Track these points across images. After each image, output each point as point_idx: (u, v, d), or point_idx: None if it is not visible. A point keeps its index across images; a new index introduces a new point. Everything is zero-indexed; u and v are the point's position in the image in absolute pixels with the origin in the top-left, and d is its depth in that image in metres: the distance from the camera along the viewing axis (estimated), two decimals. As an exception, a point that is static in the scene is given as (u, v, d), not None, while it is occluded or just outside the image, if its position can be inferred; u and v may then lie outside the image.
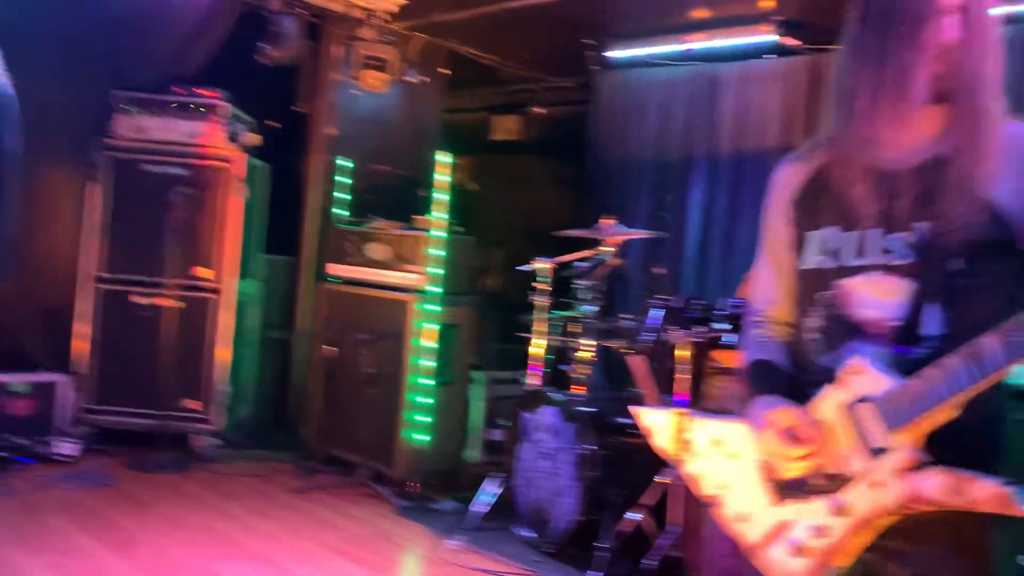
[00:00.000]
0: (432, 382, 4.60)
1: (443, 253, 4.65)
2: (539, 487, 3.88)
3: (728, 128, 5.53)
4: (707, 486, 1.66)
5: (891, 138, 1.51)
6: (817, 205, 1.59)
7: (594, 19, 5.49)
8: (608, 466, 3.69)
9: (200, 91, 4.96)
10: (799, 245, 1.62)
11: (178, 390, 4.76)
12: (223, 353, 4.90)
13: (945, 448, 1.33)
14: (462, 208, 6.54)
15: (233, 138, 4.98)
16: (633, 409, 1.85)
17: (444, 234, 4.67)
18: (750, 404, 1.57)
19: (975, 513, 1.31)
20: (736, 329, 3.55)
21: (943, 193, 1.44)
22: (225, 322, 4.90)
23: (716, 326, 3.63)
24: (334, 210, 5.39)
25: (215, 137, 4.93)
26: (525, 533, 3.90)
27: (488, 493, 4.14)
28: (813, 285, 1.57)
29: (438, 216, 4.70)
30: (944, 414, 1.30)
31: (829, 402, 1.46)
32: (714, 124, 5.59)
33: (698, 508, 3.23)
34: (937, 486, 1.30)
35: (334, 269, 5.13)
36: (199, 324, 4.85)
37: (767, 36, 5.09)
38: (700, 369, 3.89)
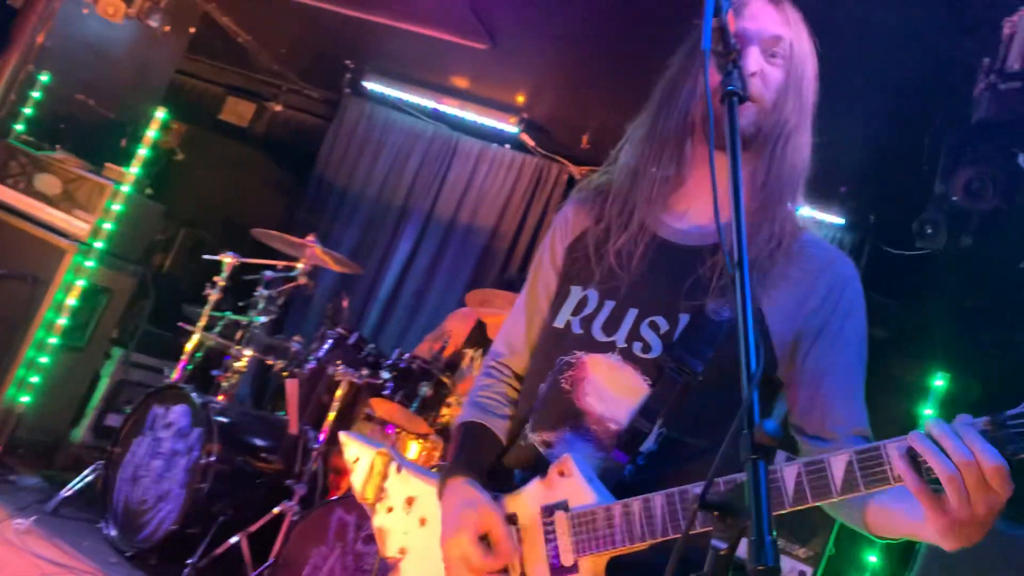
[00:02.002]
0: (58, 341, 4.10)
1: (121, 209, 4.22)
2: (144, 487, 3.57)
3: (451, 195, 5.74)
4: (390, 546, 1.46)
5: (699, 197, 1.35)
6: (589, 257, 1.38)
7: (362, 43, 5.47)
8: (223, 482, 3.49)
9: None
10: (559, 297, 1.40)
11: None
12: None
13: None
14: (163, 175, 6.05)
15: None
16: (342, 435, 1.61)
17: (130, 191, 4.25)
18: (449, 484, 1.36)
19: None
20: (400, 382, 3.58)
21: (718, 285, 1.26)
22: None
23: (383, 375, 3.64)
24: (14, 126, 4.70)
25: None
26: (111, 531, 3.55)
27: (83, 479, 3.73)
28: (556, 346, 1.36)
29: (132, 171, 4.28)
30: (634, 547, 1.22)
31: (531, 499, 1.30)
32: (440, 187, 5.78)
33: (299, 547, 3.15)
34: None
35: (-11, 187, 4.45)
36: None
37: (511, 127, 5.40)
38: (353, 411, 3.87)
